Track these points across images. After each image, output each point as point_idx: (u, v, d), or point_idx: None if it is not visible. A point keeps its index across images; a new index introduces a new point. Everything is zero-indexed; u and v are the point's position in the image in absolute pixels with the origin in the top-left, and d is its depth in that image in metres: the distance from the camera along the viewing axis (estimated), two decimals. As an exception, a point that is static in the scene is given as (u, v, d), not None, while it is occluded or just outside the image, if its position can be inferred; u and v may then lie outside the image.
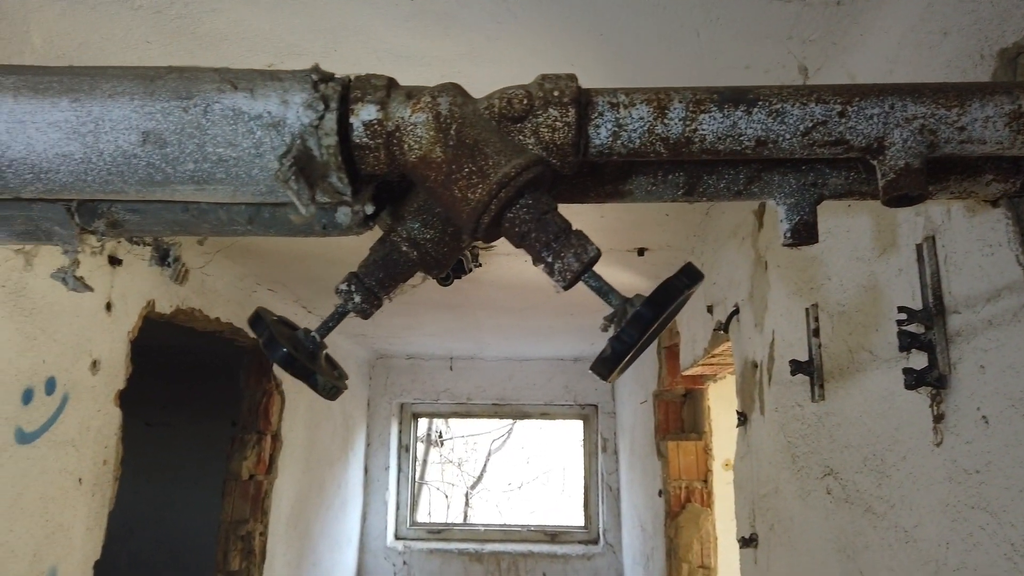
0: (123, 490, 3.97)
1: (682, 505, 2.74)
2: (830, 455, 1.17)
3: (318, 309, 3.04)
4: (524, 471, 5.71)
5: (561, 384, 4.28)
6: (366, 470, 4.19)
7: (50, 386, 1.50)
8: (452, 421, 5.65)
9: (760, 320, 1.53)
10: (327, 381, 0.80)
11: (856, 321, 1.08)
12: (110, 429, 1.72)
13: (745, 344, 1.64)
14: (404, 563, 4.07)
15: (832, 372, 1.16)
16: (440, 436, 5.52)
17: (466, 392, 4.29)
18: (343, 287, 0.81)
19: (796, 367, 1.23)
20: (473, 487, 5.64)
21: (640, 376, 3.34)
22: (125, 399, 1.78)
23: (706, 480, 2.78)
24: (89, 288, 0.81)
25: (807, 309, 1.24)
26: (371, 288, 0.79)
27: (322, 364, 0.84)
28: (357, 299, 0.79)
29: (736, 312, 1.70)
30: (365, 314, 0.83)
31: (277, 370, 2.82)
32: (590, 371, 0.64)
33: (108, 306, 1.70)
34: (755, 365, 1.58)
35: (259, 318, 0.78)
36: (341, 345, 3.69)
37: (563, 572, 4.03)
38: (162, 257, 1.45)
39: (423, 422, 4.77)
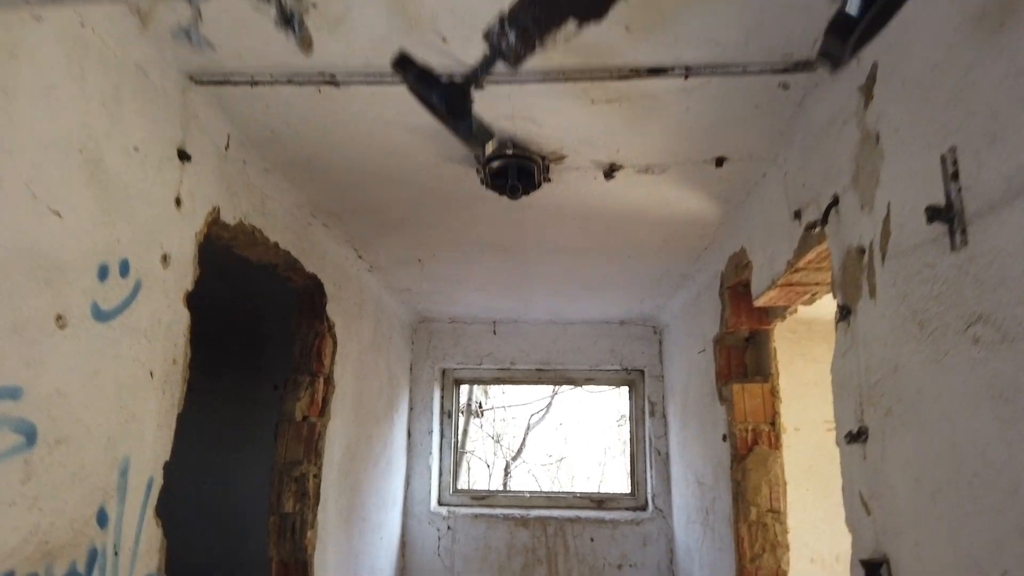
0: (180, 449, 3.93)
1: (749, 448, 2.64)
2: (977, 301, 1.07)
3: (368, 255, 2.98)
4: (563, 445, 5.60)
5: (606, 348, 4.19)
6: (409, 434, 4.12)
7: (124, 268, 1.44)
8: (492, 393, 5.58)
9: (869, 199, 1.43)
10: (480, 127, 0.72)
11: (1016, 141, 0.99)
12: (179, 328, 1.65)
13: (847, 233, 1.54)
14: (448, 528, 4.00)
15: (978, 212, 1.07)
16: (480, 406, 5.44)
17: (509, 356, 4.21)
18: (494, 27, 0.73)
19: (932, 214, 1.14)
20: (513, 460, 5.54)
21: (696, 326, 3.24)
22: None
23: (773, 423, 2.68)
24: (209, 45, 0.74)
25: (943, 156, 1.15)
26: (526, 27, 0.71)
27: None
28: (511, 38, 0.71)
29: (834, 203, 1.61)
30: (517, 59, 0.75)
31: (329, 311, 2.76)
32: (818, 58, 0.55)
33: (178, 201, 1.64)
34: (861, 251, 1.49)
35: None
36: (386, 302, 3.62)
37: (611, 537, 3.93)
38: (285, 17, 1.32)
39: (464, 390, 4.69)
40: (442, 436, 4.27)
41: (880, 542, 1.39)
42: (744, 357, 2.86)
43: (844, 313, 1.57)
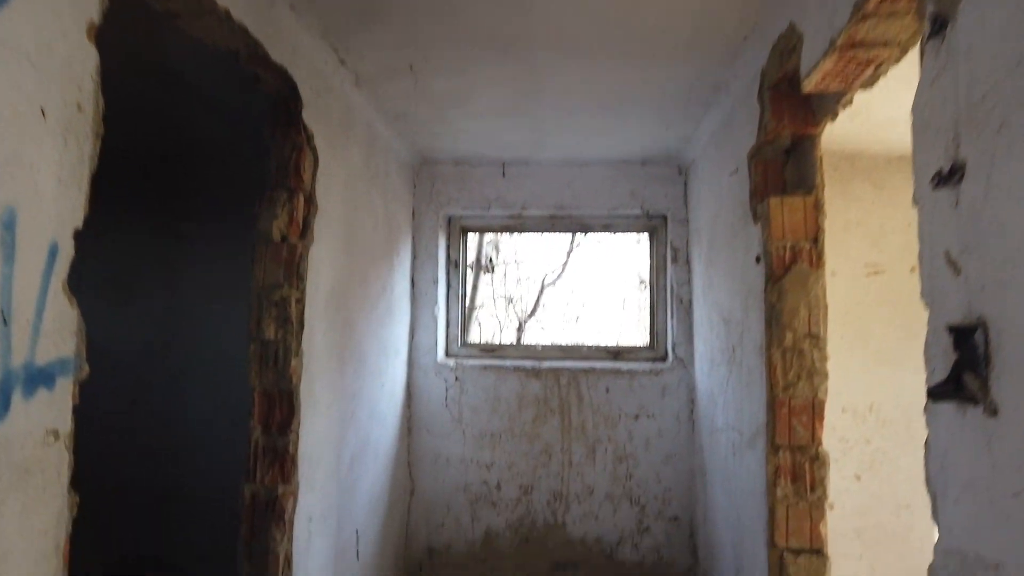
0: (155, 306, 3.67)
1: (786, 267, 2.31)
2: None
3: (351, 58, 2.59)
4: (579, 306, 5.33)
5: (626, 191, 3.83)
6: (413, 283, 3.85)
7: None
8: (503, 249, 5.29)
9: None
10: None
11: None
12: (83, 68, 1.32)
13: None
14: (456, 379, 3.79)
15: None
16: (491, 261, 5.16)
17: (520, 201, 3.86)
18: None
19: None
20: (527, 319, 5.31)
21: (728, 150, 2.86)
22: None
23: (816, 240, 2.34)
24: None
25: None
26: None
27: None
28: None
29: None
30: None
31: (308, 119, 2.41)
32: None
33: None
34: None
35: None
36: (380, 132, 3.26)
37: (628, 388, 3.70)
38: None
39: (473, 240, 4.37)
40: (448, 287, 4.00)
41: (973, 304, 1.07)
42: (783, 172, 2.48)
43: (938, 26, 1.20)
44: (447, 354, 3.94)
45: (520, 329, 5.36)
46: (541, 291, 5.25)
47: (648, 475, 3.64)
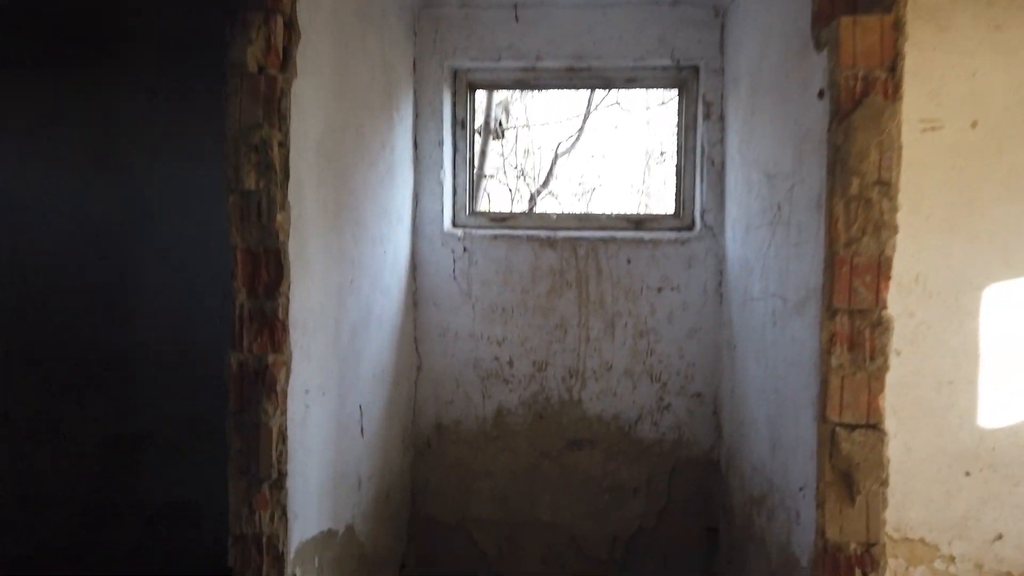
0: (135, 171, 3.30)
1: (856, 101, 1.96)
2: None
3: None
4: (596, 176, 4.96)
5: (654, 37, 3.39)
6: (416, 144, 3.49)
7: None
8: (514, 112, 4.88)
9: None
10: None
11: None
12: None
13: None
14: (464, 250, 3.49)
15: None
16: (501, 125, 4.76)
17: (534, 50, 3.44)
18: None
19: None
20: (539, 191, 4.95)
21: (782, -31, 2.43)
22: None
23: (894, 67, 1.97)
24: None
25: None
26: None
27: None
28: None
29: None
30: None
31: (283, -79, 1.99)
32: None
33: None
34: None
35: None
36: (375, -44, 2.81)
37: (651, 258, 3.41)
38: None
39: (481, 99, 3.95)
40: (455, 150, 3.64)
41: None
42: (854, -11, 2.08)
43: None
44: (454, 224, 3.63)
45: (532, 202, 5.00)
46: (555, 160, 4.86)
47: (670, 350, 3.40)
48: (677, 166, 3.59)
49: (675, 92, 3.61)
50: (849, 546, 1.99)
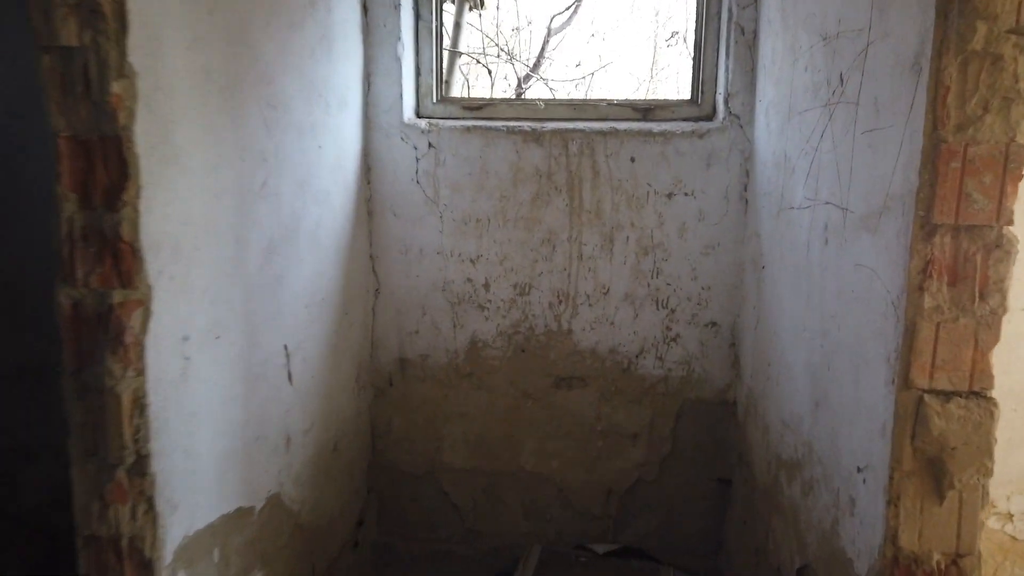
0: None
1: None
2: None
3: None
4: (595, 57, 4.15)
5: None
6: (365, 8, 2.75)
7: None
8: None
9: None
10: None
11: None
12: None
13: None
14: (430, 146, 2.81)
15: None
16: (479, -7, 3.93)
17: None
18: None
19: None
20: (528, 78, 4.17)
21: None
22: None
23: None
24: None
25: None
26: None
27: None
28: None
29: None
30: None
31: None
32: None
33: None
34: None
35: None
36: None
37: (660, 156, 2.73)
38: None
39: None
40: (418, 17, 2.89)
41: None
42: None
43: None
44: (418, 113, 2.93)
45: (520, 89, 4.24)
46: (546, 39, 4.05)
47: (681, 270, 2.78)
48: (696, 39, 2.86)
49: (696, -58, 2.83)
50: (931, 558, 1.43)
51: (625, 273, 2.80)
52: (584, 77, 4.05)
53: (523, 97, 4.27)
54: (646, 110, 2.87)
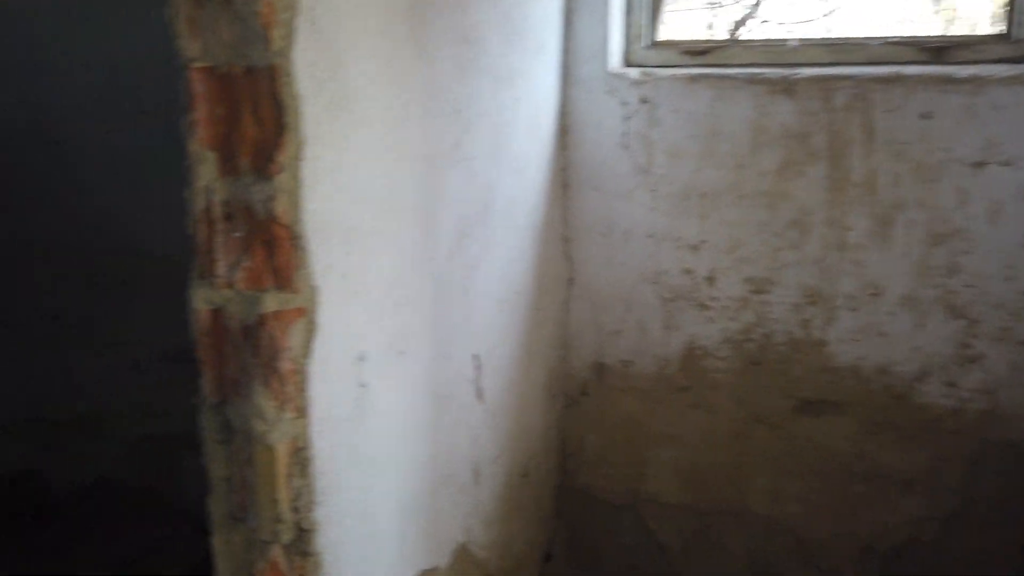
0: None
1: None
2: None
3: None
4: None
5: None
6: (566, -68, 2.20)
7: None
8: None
9: None
10: None
11: None
12: None
13: None
14: (642, 100, 2.24)
15: None
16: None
17: None
18: None
19: None
20: (751, 14, 3.41)
21: None
22: None
23: None
24: None
25: None
26: None
27: None
28: None
29: None
30: None
31: None
32: None
33: None
34: None
35: None
36: None
37: (965, 110, 2.00)
38: None
39: None
40: (629, -57, 2.31)
41: None
42: None
43: None
44: (627, 61, 2.35)
45: (738, 29, 3.47)
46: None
47: (989, 267, 2.04)
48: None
49: None
50: None
51: (905, 269, 2.10)
52: (829, 14, 3.19)
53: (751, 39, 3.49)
54: (938, 50, 2.13)
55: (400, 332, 1.30)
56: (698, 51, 2.34)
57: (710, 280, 2.27)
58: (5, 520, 2.71)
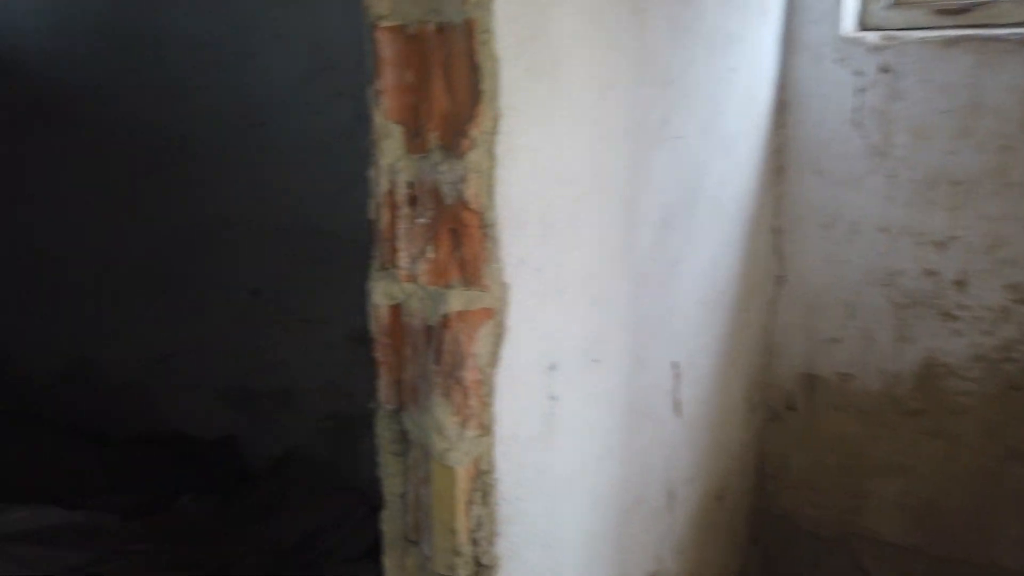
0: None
1: None
2: None
3: None
4: None
5: None
6: None
7: None
8: None
9: None
10: None
11: None
12: None
13: None
14: (882, 69, 1.89)
15: None
16: None
17: None
18: None
19: None
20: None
21: None
22: None
23: None
24: None
25: None
26: None
27: None
28: None
29: None
30: None
31: None
32: None
33: None
34: None
35: None
36: None
37: None
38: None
39: None
40: None
41: None
42: None
43: None
44: (863, 24, 2.00)
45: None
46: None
47: None
48: None
49: None
50: None
51: None
52: None
53: None
54: None
55: (595, 336, 1.12)
56: (955, 9, 1.93)
57: (960, 285, 1.88)
58: (209, 481, 2.89)
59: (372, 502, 2.65)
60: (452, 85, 0.82)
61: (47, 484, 2.53)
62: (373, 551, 2.38)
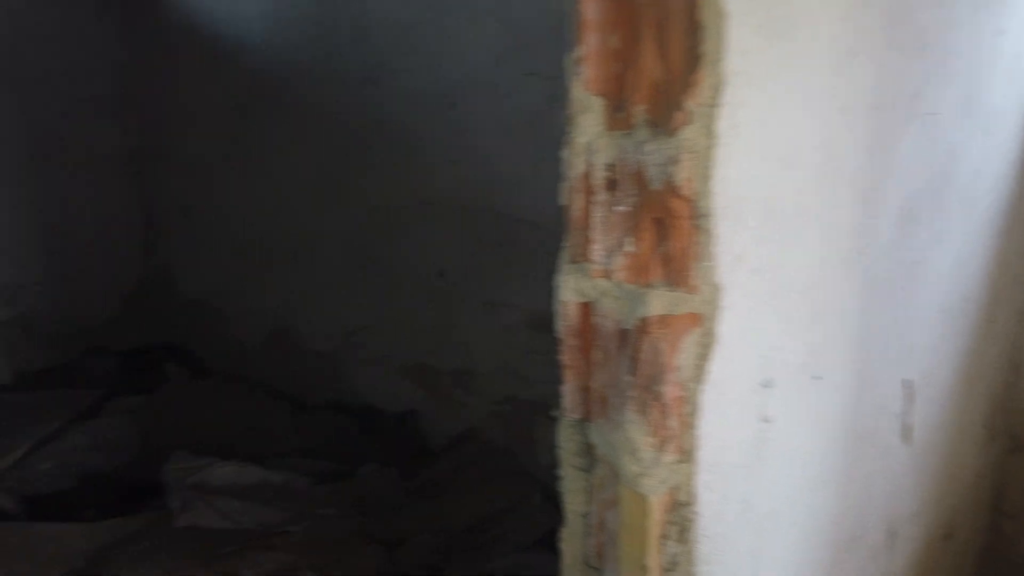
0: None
1: None
2: None
3: None
4: None
5: None
6: None
7: None
8: None
9: None
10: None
11: None
12: None
13: None
14: None
15: None
16: None
17: None
18: None
19: None
20: None
21: None
22: None
23: None
24: None
25: None
26: None
27: None
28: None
29: None
30: None
31: None
32: None
33: None
34: None
35: None
36: None
37: None
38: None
39: None
40: None
41: None
42: None
43: None
44: None
45: None
46: None
47: None
48: None
49: None
50: None
51: None
52: None
53: None
54: None
55: (817, 349, 0.95)
56: None
57: None
58: (390, 453, 2.98)
59: (547, 491, 2.60)
60: (666, 49, 0.69)
61: (249, 442, 2.72)
62: (544, 541, 2.33)
